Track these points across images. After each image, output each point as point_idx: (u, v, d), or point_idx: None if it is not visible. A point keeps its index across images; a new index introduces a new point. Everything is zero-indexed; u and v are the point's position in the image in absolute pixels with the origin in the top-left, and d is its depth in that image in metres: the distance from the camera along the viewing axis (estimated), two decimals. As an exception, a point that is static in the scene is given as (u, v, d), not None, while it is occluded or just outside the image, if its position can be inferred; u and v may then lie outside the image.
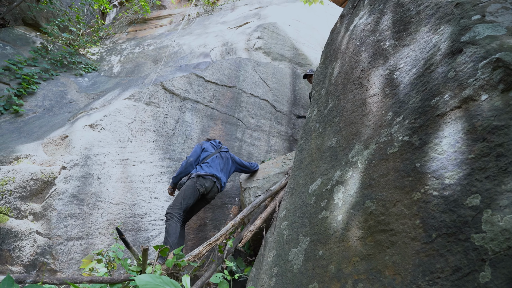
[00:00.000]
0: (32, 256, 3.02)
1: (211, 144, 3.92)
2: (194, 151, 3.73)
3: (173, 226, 3.14)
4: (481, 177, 1.13)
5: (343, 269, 1.63)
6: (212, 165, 3.67)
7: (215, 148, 3.90)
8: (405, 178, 1.47)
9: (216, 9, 9.10)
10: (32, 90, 5.22)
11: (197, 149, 3.74)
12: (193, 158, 3.64)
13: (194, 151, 3.73)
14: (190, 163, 3.60)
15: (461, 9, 1.58)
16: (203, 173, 3.51)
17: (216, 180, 3.60)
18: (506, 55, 1.22)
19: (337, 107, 2.46)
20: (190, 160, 3.60)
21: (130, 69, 6.69)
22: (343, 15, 3.23)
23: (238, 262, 3.22)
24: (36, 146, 3.62)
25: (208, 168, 3.60)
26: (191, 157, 3.64)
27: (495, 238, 1.01)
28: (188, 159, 3.62)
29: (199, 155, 3.72)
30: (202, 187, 3.45)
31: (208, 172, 3.55)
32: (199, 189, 3.41)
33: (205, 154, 3.77)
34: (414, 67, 1.73)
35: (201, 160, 3.73)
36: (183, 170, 3.56)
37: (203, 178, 3.50)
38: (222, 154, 3.89)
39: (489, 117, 1.19)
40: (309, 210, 2.22)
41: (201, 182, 3.47)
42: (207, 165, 3.64)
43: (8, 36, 6.21)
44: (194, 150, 3.74)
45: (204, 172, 3.52)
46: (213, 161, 3.72)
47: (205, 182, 3.49)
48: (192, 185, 3.40)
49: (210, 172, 3.56)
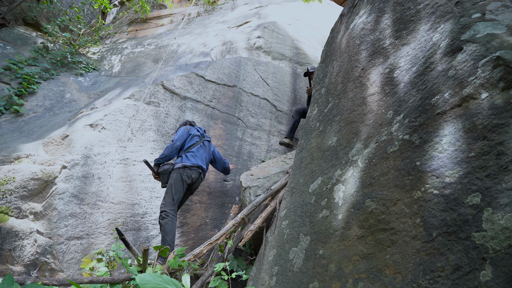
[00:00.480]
0: (32, 256, 3.03)
1: (196, 130, 3.82)
2: (181, 135, 3.61)
3: (170, 225, 3.14)
4: (481, 175, 1.13)
5: (344, 268, 1.63)
6: (197, 155, 3.61)
7: (200, 136, 3.82)
8: (405, 176, 1.47)
9: (216, 8, 9.09)
10: (32, 90, 5.23)
11: (184, 134, 3.63)
12: (179, 142, 3.55)
13: (181, 135, 3.61)
14: (177, 148, 3.52)
15: (461, 8, 1.58)
16: (189, 164, 3.46)
17: (201, 171, 3.60)
18: (506, 53, 1.21)
19: (337, 106, 2.46)
20: (177, 145, 3.52)
21: (130, 69, 6.69)
22: (343, 14, 3.22)
23: (239, 261, 3.22)
24: (37, 146, 3.62)
25: (194, 158, 3.55)
26: (177, 141, 3.54)
27: (496, 236, 1.01)
28: (175, 142, 3.52)
29: (185, 140, 3.63)
30: (189, 178, 3.43)
31: (194, 163, 3.50)
32: (186, 180, 3.39)
33: (190, 142, 3.67)
34: (414, 66, 1.72)
35: (186, 147, 3.63)
36: (169, 153, 3.49)
37: (189, 169, 3.46)
38: (205, 143, 3.85)
39: (490, 115, 1.18)
40: (309, 209, 2.21)
41: (188, 173, 3.43)
42: (192, 154, 3.57)
43: (8, 36, 6.21)
44: (181, 134, 3.62)
45: (190, 163, 3.47)
46: (198, 150, 3.66)
47: (191, 173, 3.46)
48: (179, 178, 3.36)
49: (196, 163, 3.52)
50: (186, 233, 3.94)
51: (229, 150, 4.78)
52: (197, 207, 4.17)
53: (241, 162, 4.81)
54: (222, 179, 4.55)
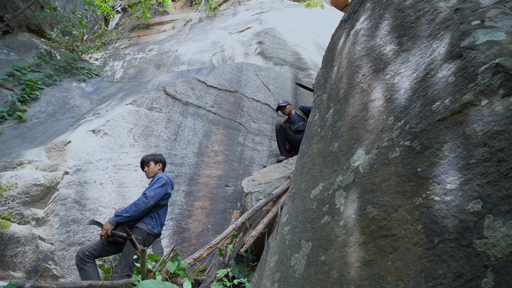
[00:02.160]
0: (34, 262, 3.03)
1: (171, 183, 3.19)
2: (157, 195, 2.91)
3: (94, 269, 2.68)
4: (482, 182, 1.13)
5: (345, 275, 1.62)
6: (162, 219, 3.07)
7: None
8: (406, 183, 1.47)
9: (218, 14, 9.17)
10: (35, 96, 5.27)
11: (161, 193, 2.95)
12: (154, 202, 2.87)
13: (158, 194, 2.91)
14: (149, 208, 2.85)
15: (460, 15, 1.59)
16: (157, 232, 2.94)
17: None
18: (506, 60, 1.22)
19: (338, 112, 2.46)
20: (150, 205, 2.84)
21: (132, 75, 6.73)
22: (344, 20, 3.25)
23: (240, 267, 3.21)
24: (39, 152, 3.64)
25: (161, 226, 3.04)
26: (151, 201, 2.85)
27: (497, 244, 1.00)
28: (149, 201, 2.83)
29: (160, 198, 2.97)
30: (148, 245, 2.92)
31: (160, 231, 2.99)
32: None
33: (163, 202, 3.04)
34: (415, 72, 1.73)
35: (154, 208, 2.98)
36: (138, 214, 2.80)
37: (153, 237, 2.93)
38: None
39: (490, 122, 1.19)
40: (311, 215, 2.21)
41: (150, 241, 2.91)
42: (160, 220, 3.03)
43: (12, 43, 6.28)
44: (158, 193, 2.92)
45: (158, 232, 2.96)
46: (164, 214, 3.10)
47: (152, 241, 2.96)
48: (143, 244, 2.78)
49: (159, 231, 2.99)
50: (188, 239, 3.93)
51: (231, 155, 4.79)
52: (199, 212, 4.17)
53: (243, 167, 4.82)
54: (223, 184, 4.55)
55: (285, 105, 4.95)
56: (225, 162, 4.70)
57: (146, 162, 3.22)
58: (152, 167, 3.21)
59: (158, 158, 3.29)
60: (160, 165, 3.28)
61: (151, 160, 3.23)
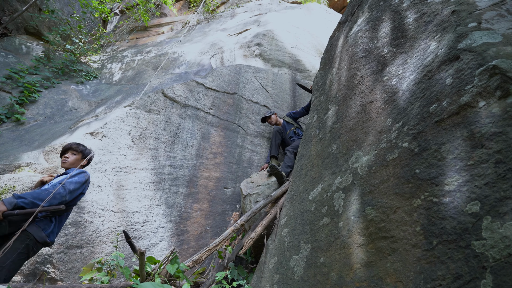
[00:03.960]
0: (32, 265, 3.01)
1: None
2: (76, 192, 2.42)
3: None
4: (480, 183, 1.13)
5: (345, 277, 1.62)
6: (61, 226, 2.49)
7: None
8: (405, 184, 1.47)
9: (216, 16, 9.18)
10: (33, 98, 5.25)
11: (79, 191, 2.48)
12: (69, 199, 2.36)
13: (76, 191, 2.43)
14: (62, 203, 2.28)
15: (457, 17, 1.60)
16: (50, 242, 2.31)
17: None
18: (502, 62, 1.23)
19: (336, 114, 2.47)
20: (65, 201, 2.30)
21: (131, 77, 6.73)
22: (342, 22, 3.26)
23: (240, 269, 3.20)
24: (37, 154, 3.63)
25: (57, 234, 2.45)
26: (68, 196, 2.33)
27: (496, 245, 1.01)
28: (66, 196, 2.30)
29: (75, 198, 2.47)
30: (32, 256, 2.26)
31: (53, 241, 2.37)
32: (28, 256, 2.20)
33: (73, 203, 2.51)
34: (413, 74, 1.74)
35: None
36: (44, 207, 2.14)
37: (41, 246, 2.28)
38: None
39: (487, 123, 1.19)
40: (310, 216, 2.21)
41: (36, 250, 2.26)
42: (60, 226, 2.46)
43: (10, 45, 6.27)
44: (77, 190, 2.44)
45: (51, 241, 2.33)
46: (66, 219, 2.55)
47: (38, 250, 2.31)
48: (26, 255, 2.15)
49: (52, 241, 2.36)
50: (187, 241, 3.92)
51: (229, 157, 4.78)
52: (197, 214, 4.16)
53: (241, 169, 4.82)
54: (222, 186, 4.54)
55: (269, 115, 4.95)
56: (224, 164, 4.69)
57: (75, 150, 2.65)
58: (76, 158, 2.63)
59: (88, 153, 2.76)
60: (85, 163, 2.74)
61: (82, 151, 2.68)
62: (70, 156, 2.64)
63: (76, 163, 2.65)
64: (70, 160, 2.62)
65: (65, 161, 2.61)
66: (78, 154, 2.67)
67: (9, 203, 2.04)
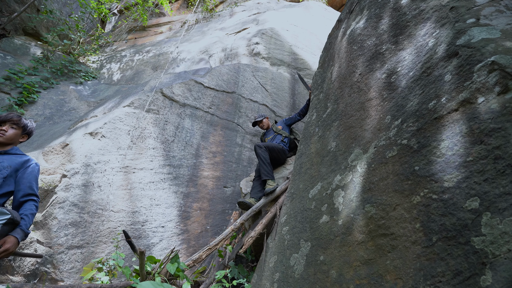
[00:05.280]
0: (32, 266, 3.01)
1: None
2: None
3: None
4: (479, 179, 1.13)
5: (345, 274, 1.62)
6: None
7: None
8: (404, 181, 1.47)
9: (215, 15, 9.17)
10: (32, 99, 5.25)
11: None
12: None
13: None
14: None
15: (456, 13, 1.59)
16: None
17: None
18: (501, 57, 1.22)
19: (335, 111, 2.47)
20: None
21: (129, 77, 6.72)
22: (340, 19, 3.25)
23: (240, 268, 3.20)
24: (37, 155, 3.62)
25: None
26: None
27: (495, 241, 1.00)
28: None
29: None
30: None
31: None
32: None
33: None
34: (411, 71, 1.73)
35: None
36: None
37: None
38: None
39: (486, 119, 1.19)
40: (309, 215, 2.21)
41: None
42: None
43: (9, 46, 6.26)
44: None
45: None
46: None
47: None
48: None
49: None
50: (187, 241, 3.92)
51: (229, 156, 4.78)
52: (197, 214, 4.16)
53: (241, 168, 4.81)
54: (222, 185, 4.54)
55: (260, 119, 4.50)
56: (223, 163, 4.69)
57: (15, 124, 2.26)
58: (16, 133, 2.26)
59: (30, 129, 2.39)
60: (25, 138, 2.38)
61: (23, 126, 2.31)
62: (9, 130, 2.21)
63: (15, 138, 2.25)
64: (8, 135, 2.20)
65: (2, 135, 2.17)
66: (18, 129, 2.26)
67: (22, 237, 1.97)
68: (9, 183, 2.12)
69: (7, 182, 2.10)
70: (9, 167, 2.11)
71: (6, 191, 2.10)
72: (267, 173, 3.67)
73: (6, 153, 2.19)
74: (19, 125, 2.26)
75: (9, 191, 2.12)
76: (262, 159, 3.77)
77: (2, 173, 2.07)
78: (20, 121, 2.27)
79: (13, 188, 2.14)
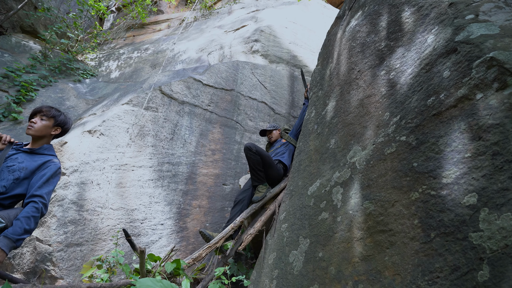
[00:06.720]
0: (32, 263, 3.02)
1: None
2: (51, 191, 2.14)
3: None
4: (477, 175, 1.13)
5: (343, 271, 1.63)
6: None
7: None
8: (403, 178, 1.47)
9: (213, 13, 9.13)
10: (31, 97, 5.23)
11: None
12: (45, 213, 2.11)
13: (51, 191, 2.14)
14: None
15: (454, 9, 1.59)
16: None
17: None
18: (500, 54, 1.22)
19: (334, 108, 2.47)
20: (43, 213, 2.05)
21: (128, 74, 6.70)
22: (339, 16, 3.25)
23: (239, 265, 3.21)
24: (35, 153, 3.61)
25: None
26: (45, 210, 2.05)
27: (493, 236, 1.01)
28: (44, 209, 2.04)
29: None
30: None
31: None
32: None
33: None
34: (410, 67, 1.73)
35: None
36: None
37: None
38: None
39: (484, 115, 1.19)
40: (308, 211, 2.22)
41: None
42: None
43: (6, 44, 6.22)
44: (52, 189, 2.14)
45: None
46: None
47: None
48: None
49: None
50: (186, 238, 3.93)
51: (228, 154, 4.78)
52: (197, 211, 4.17)
53: (240, 165, 4.82)
54: (221, 183, 4.55)
55: (271, 129, 4.08)
56: (223, 161, 4.69)
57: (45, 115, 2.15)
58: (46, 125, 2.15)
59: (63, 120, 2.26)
60: (58, 131, 2.25)
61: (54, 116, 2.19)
62: (38, 122, 2.12)
63: (45, 131, 2.15)
64: (37, 127, 2.11)
65: (31, 127, 2.09)
66: (48, 120, 2.14)
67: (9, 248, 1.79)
68: (22, 185, 2.04)
69: (19, 184, 2.03)
70: (25, 168, 2.04)
71: (16, 193, 2.02)
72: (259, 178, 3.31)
73: (33, 152, 2.11)
74: (48, 115, 2.15)
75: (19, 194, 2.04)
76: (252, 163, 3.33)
77: (14, 174, 2.00)
78: (49, 111, 2.16)
79: (25, 191, 2.05)
